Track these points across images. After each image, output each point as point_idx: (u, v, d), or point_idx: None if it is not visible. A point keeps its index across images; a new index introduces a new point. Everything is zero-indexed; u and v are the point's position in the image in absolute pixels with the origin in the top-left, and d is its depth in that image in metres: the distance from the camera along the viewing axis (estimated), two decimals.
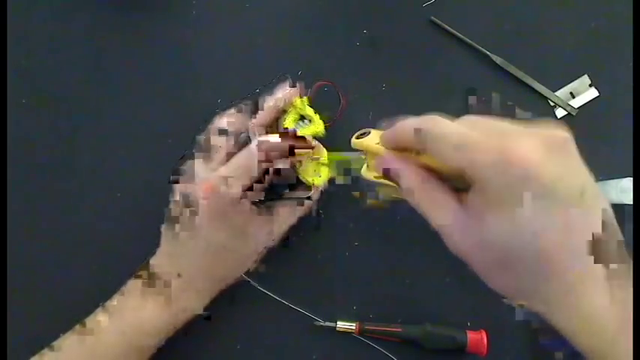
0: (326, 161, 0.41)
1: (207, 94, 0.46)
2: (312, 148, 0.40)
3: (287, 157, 0.38)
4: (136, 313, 0.37)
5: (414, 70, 0.47)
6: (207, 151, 0.39)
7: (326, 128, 0.42)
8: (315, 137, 0.42)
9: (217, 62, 0.47)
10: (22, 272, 0.42)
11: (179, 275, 0.37)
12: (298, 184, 0.41)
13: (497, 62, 0.47)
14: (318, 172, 0.41)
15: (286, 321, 0.42)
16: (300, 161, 0.40)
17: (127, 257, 0.42)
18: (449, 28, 0.47)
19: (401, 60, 0.48)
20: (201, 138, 0.40)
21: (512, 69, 0.47)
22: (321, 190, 0.41)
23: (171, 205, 0.38)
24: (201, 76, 0.47)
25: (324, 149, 0.41)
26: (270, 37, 0.47)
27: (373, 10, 0.48)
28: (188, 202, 0.37)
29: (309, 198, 0.41)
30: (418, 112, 0.46)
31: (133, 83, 0.46)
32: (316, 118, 0.42)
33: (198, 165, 0.38)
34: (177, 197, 0.38)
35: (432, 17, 0.47)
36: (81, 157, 0.45)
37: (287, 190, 0.42)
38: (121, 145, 0.45)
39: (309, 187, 0.41)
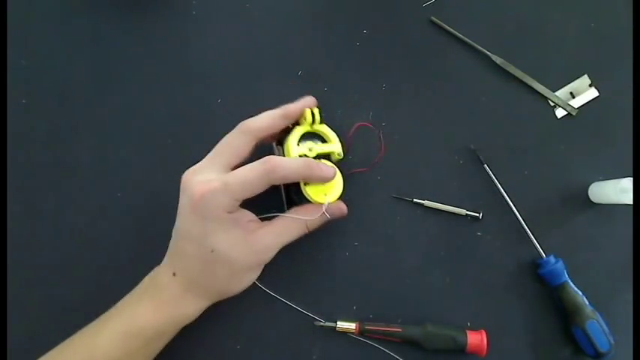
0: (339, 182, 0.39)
1: (207, 94, 0.46)
2: (329, 179, 0.38)
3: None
4: (132, 315, 0.36)
5: (414, 70, 0.47)
6: (223, 148, 0.38)
7: (347, 152, 0.40)
8: (331, 159, 0.40)
9: (217, 62, 0.47)
10: (22, 272, 0.42)
11: (174, 274, 0.37)
12: (306, 201, 0.39)
13: (497, 62, 0.47)
14: (326, 193, 0.39)
15: (286, 321, 0.42)
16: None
17: (127, 257, 0.42)
18: (449, 28, 0.47)
19: (401, 60, 0.48)
20: (227, 135, 0.39)
21: (512, 69, 0.47)
22: (328, 216, 0.39)
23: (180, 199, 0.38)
24: (201, 76, 0.47)
25: (339, 174, 0.39)
26: (270, 37, 0.47)
27: (373, 10, 0.48)
28: (187, 198, 0.36)
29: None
30: (418, 111, 0.47)
31: (133, 83, 0.46)
32: (332, 136, 0.40)
33: (207, 161, 0.37)
34: (181, 191, 0.37)
35: (432, 17, 0.47)
36: (81, 157, 0.45)
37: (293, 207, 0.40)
38: (121, 145, 0.45)
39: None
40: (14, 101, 0.45)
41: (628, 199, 0.41)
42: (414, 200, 0.45)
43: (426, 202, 0.45)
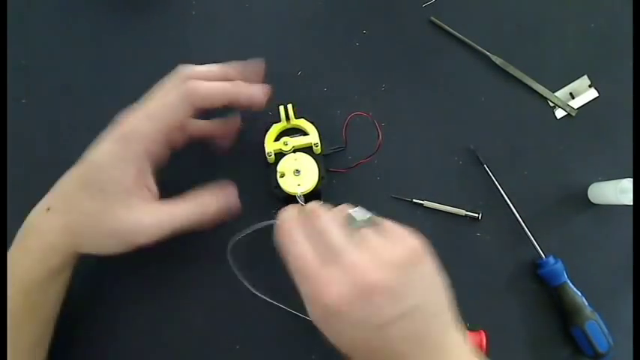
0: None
1: None
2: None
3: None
4: (12, 269, 0.34)
5: (414, 70, 0.47)
6: (156, 91, 0.38)
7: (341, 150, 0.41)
8: (313, 151, 0.41)
9: (217, 62, 0.47)
10: None
11: (47, 209, 0.36)
12: (283, 194, 0.40)
13: (497, 62, 0.47)
14: (299, 183, 0.40)
15: (286, 321, 0.42)
16: (282, 173, 0.40)
17: (126, 256, 0.42)
18: (449, 28, 0.47)
19: (401, 60, 0.48)
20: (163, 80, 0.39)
21: (512, 69, 0.47)
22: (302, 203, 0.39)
23: None
24: None
25: (314, 163, 0.40)
26: (270, 36, 0.47)
27: (373, 10, 0.48)
28: (115, 129, 0.36)
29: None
30: (418, 112, 0.47)
31: (133, 83, 0.46)
32: (311, 129, 0.41)
33: (140, 105, 0.37)
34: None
35: (432, 17, 0.47)
36: (81, 156, 0.45)
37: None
38: None
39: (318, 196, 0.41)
40: (14, 101, 0.45)
41: (628, 199, 0.41)
42: (414, 200, 0.45)
43: (426, 203, 0.45)
